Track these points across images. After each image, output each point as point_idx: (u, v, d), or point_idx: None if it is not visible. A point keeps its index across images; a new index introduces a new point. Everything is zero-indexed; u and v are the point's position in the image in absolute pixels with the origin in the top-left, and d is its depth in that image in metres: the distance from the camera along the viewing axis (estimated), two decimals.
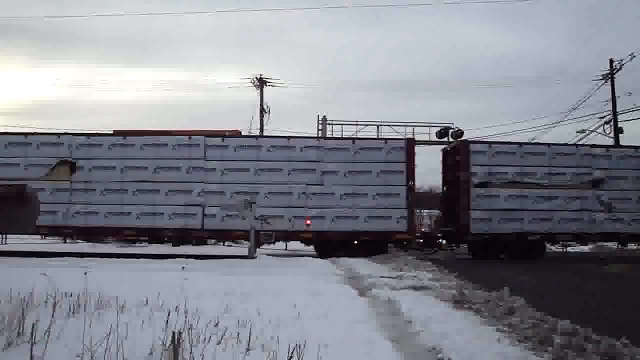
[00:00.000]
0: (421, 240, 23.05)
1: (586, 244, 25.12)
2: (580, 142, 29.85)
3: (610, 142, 31.81)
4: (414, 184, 20.22)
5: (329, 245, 19.91)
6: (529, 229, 20.69)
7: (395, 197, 19.59)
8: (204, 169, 19.66)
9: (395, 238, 20.20)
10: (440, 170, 22.86)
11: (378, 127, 22.92)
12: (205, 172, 19.65)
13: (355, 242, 19.88)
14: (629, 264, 18.85)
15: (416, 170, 20.07)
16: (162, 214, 19.48)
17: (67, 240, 22.95)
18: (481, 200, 20.46)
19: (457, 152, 21.19)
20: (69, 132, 21.28)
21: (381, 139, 21.06)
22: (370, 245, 19.84)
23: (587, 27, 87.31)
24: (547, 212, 20.78)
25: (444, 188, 22.84)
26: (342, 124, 22.96)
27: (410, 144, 20.45)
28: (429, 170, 29.75)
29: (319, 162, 19.75)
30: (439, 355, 5.35)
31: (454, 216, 21.37)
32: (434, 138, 25.24)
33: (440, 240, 23.39)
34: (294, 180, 19.60)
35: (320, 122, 24.65)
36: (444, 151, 22.74)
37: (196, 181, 19.64)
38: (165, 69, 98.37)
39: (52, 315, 4.97)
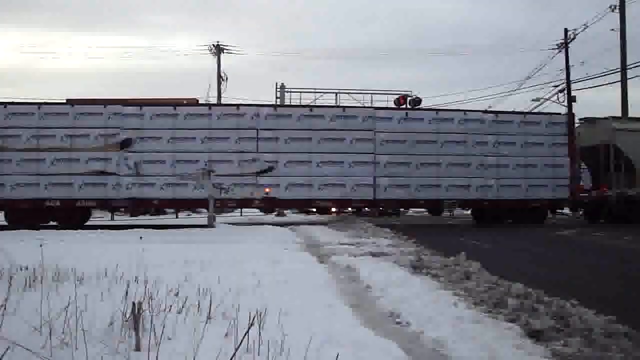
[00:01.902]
0: None
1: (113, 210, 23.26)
2: (533, 111, 30.35)
3: (564, 110, 32.59)
4: None
5: None
6: (47, 195, 19.19)
7: None
8: None
9: None
10: None
11: (336, 94, 22.75)
12: None
13: None
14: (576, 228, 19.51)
15: None
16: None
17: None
18: None
19: None
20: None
21: None
22: None
23: None
24: (67, 176, 19.23)
25: None
26: (300, 92, 22.73)
27: None
28: None
29: None
30: (398, 320, 5.48)
31: None
32: (392, 105, 25.34)
33: None
34: None
35: (278, 89, 24.41)
36: None
37: None
38: (120, 35, 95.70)
39: (8, 289, 4.88)
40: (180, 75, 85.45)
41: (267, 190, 19.98)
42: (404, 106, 22.59)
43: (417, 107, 22.69)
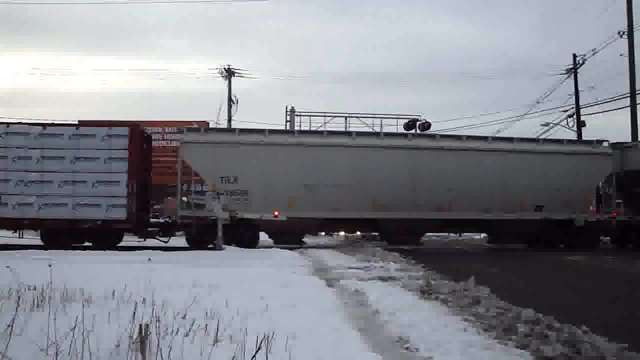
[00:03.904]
0: None
1: None
2: (542, 136, 30.35)
3: (573, 135, 32.55)
4: None
5: None
6: None
7: None
8: None
9: None
10: None
11: (346, 118, 22.84)
12: None
13: None
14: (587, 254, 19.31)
15: None
16: None
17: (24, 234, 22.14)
18: None
19: None
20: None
21: None
22: None
23: (551, 21, 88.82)
24: None
25: None
26: (310, 115, 22.82)
27: None
28: None
29: None
30: (406, 345, 5.42)
31: None
32: (402, 130, 25.41)
33: None
34: None
35: (288, 113, 24.54)
36: None
37: None
38: (131, 58, 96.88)
39: (16, 309, 4.87)
40: (192, 98, 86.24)
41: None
42: (413, 130, 22.68)
43: (426, 131, 22.75)
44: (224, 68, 38.53)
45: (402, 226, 20.92)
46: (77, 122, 20.14)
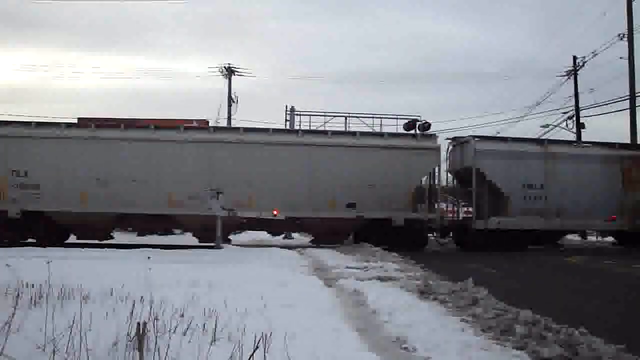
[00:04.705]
0: None
1: None
2: (542, 137, 30.31)
3: (573, 137, 32.55)
4: None
5: None
6: None
7: None
8: None
9: None
10: None
11: (346, 118, 22.79)
12: None
13: None
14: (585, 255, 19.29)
15: None
16: None
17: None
18: None
19: None
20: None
21: None
22: None
23: (552, 23, 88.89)
24: None
25: None
26: (310, 115, 22.79)
27: None
28: None
29: None
30: (404, 345, 5.42)
31: None
32: (402, 130, 25.44)
33: None
34: None
35: (288, 112, 24.54)
36: None
37: None
38: (132, 56, 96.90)
39: (14, 306, 4.87)
40: (191, 96, 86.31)
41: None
42: (412, 131, 22.63)
43: (425, 131, 22.70)
44: (224, 66, 38.52)
45: (200, 223, 19.84)
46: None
